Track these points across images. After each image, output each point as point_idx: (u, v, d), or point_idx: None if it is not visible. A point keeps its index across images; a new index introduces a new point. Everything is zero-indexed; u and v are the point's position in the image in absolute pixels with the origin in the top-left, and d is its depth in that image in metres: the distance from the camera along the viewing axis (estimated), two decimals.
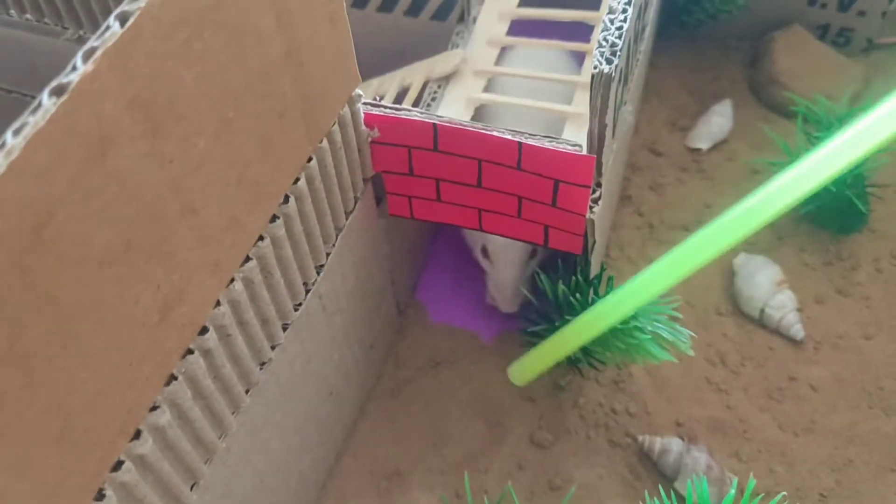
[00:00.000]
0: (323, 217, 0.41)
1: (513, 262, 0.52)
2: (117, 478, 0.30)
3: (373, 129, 0.43)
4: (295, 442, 0.45)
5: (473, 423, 0.52)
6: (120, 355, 0.29)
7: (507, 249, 0.52)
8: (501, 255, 0.52)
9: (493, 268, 0.53)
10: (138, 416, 0.31)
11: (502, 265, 0.53)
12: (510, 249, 0.52)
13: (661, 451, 0.49)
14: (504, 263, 0.53)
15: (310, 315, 0.42)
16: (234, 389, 0.37)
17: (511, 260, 0.52)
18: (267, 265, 0.37)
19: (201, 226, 0.32)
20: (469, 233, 0.56)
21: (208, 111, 0.30)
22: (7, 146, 0.22)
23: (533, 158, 0.42)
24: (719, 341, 0.54)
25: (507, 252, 0.52)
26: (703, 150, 0.64)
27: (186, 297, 0.32)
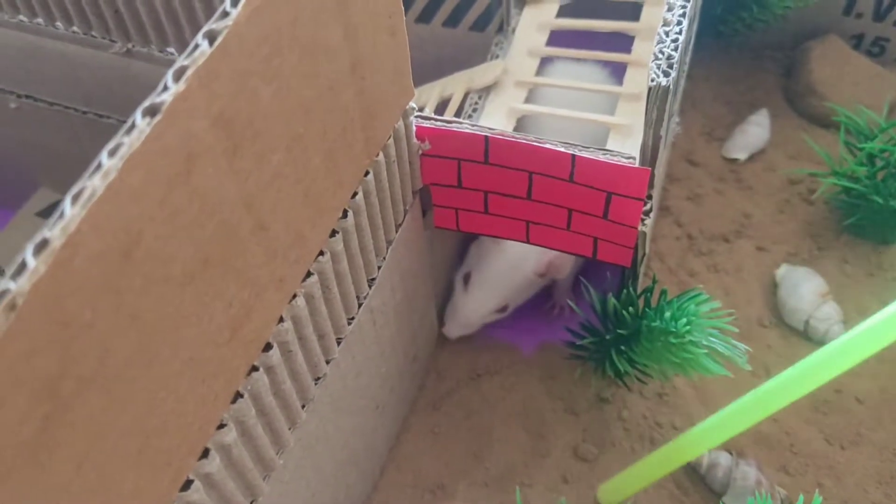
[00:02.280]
0: (376, 230, 0.41)
1: (483, 304, 0.53)
2: (186, 497, 0.30)
3: (424, 141, 0.43)
4: (343, 456, 0.45)
5: (516, 435, 0.52)
6: (194, 374, 0.29)
7: (485, 292, 0.53)
8: (478, 292, 0.53)
9: (463, 295, 0.54)
10: (207, 435, 0.31)
11: (473, 300, 0.53)
12: (488, 293, 0.53)
13: (710, 466, 0.48)
14: (476, 299, 0.53)
15: (362, 329, 0.42)
16: (292, 405, 0.37)
17: (484, 301, 0.53)
18: (326, 280, 0.37)
19: (270, 242, 0.31)
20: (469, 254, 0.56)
21: (283, 127, 0.30)
22: (104, 167, 0.22)
23: (586, 171, 0.42)
24: (764, 353, 0.54)
25: (484, 293, 0.53)
26: (740, 161, 0.63)
27: (254, 314, 0.32)
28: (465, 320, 0.54)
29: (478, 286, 0.53)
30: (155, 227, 0.24)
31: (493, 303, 0.53)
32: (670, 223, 0.60)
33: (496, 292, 0.53)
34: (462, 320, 0.54)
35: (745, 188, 0.62)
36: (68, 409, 0.23)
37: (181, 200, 0.25)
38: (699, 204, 0.61)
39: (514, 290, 0.53)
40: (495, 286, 0.53)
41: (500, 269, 0.52)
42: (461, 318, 0.54)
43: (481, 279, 0.53)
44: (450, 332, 0.55)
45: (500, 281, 0.53)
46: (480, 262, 0.54)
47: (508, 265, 0.52)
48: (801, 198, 0.61)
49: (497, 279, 0.53)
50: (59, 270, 0.21)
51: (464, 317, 0.54)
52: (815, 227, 0.59)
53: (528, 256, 0.52)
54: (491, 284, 0.53)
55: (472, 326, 0.55)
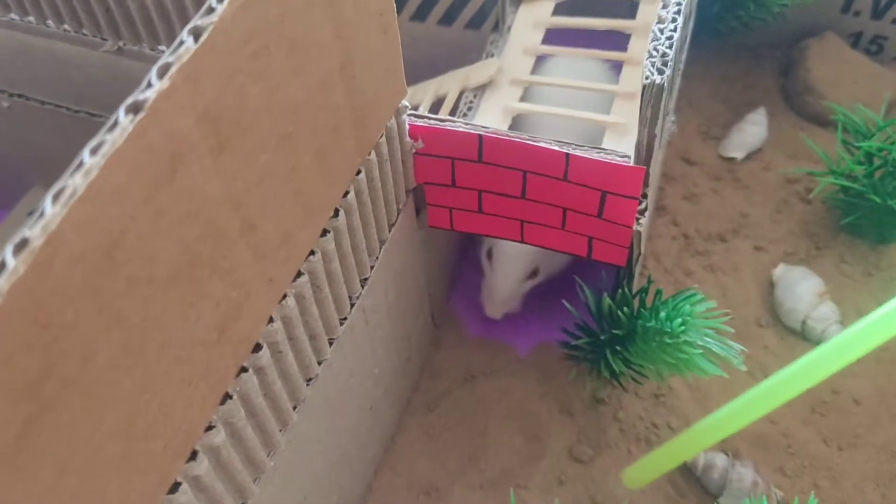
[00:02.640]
0: (369, 230, 0.41)
1: (511, 274, 0.52)
2: (174, 500, 0.30)
3: (417, 140, 0.43)
4: (336, 457, 0.44)
5: (511, 437, 0.52)
6: (180, 375, 0.28)
7: (510, 259, 0.52)
8: (504, 262, 0.52)
9: (491, 272, 0.53)
10: (195, 437, 0.30)
11: (501, 273, 0.52)
12: (514, 260, 0.52)
13: (706, 467, 0.48)
14: (503, 271, 0.52)
15: (353, 329, 0.42)
16: (283, 406, 0.36)
17: (511, 271, 0.52)
18: (317, 280, 0.36)
19: (259, 241, 0.31)
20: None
21: (271, 125, 0.29)
22: (85, 165, 0.22)
23: (580, 170, 0.41)
24: (760, 354, 0.53)
25: (510, 261, 0.52)
26: (737, 160, 0.63)
27: (243, 314, 0.31)
28: (501, 296, 0.53)
29: (502, 258, 0.52)
30: (138, 226, 0.24)
31: (521, 270, 0.52)
32: (667, 222, 0.60)
33: (521, 258, 0.51)
34: (498, 298, 0.53)
35: (742, 187, 0.62)
36: (50, 411, 0.23)
37: (166, 200, 0.25)
38: (696, 203, 0.61)
39: (537, 250, 0.51)
40: (518, 251, 0.52)
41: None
42: (496, 296, 0.53)
43: (502, 249, 0.52)
44: (493, 314, 0.53)
45: (520, 245, 0.51)
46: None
47: None
48: (798, 197, 0.61)
49: (517, 244, 0.51)
50: (39, 270, 0.21)
51: (498, 293, 0.53)
52: (813, 227, 0.59)
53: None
54: (514, 251, 0.52)
55: (511, 301, 0.53)
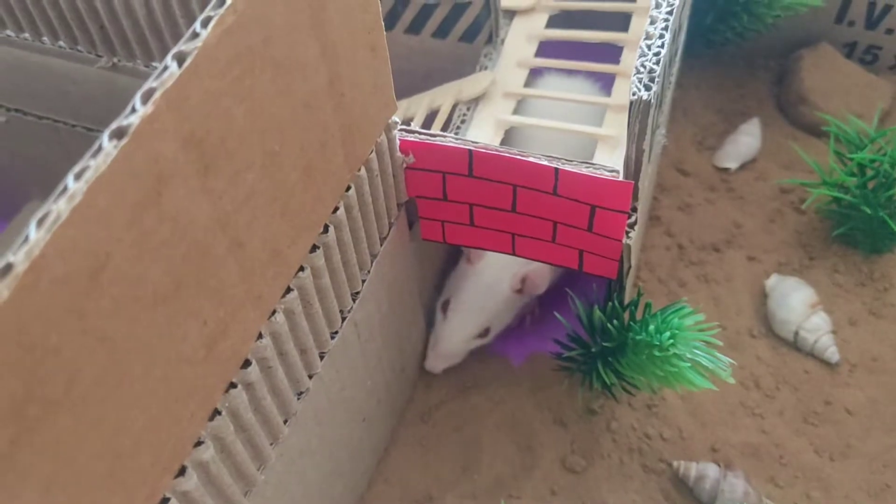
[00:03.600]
0: (359, 244, 0.41)
1: (463, 329, 0.52)
2: None
3: (408, 155, 0.43)
4: (328, 468, 0.45)
5: (504, 447, 0.52)
6: (167, 393, 0.29)
7: (464, 315, 0.52)
8: (457, 317, 0.52)
9: (443, 323, 0.53)
10: (183, 453, 0.31)
11: (453, 326, 0.52)
12: (467, 316, 0.52)
13: (697, 478, 0.48)
14: (456, 326, 0.52)
15: (345, 343, 0.42)
16: (273, 421, 0.37)
17: (463, 326, 0.52)
18: (307, 295, 0.37)
19: (246, 260, 0.31)
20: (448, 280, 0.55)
21: (256, 145, 0.30)
22: (69, 191, 0.22)
23: (569, 184, 0.42)
24: (753, 364, 0.53)
25: (463, 317, 0.52)
26: (731, 170, 0.63)
27: (230, 332, 0.32)
28: (447, 350, 0.53)
29: (456, 311, 0.52)
30: (123, 249, 0.24)
31: (473, 327, 0.52)
32: (660, 233, 0.60)
33: (475, 315, 0.52)
34: (443, 350, 0.53)
35: (735, 198, 0.62)
36: (35, 432, 0.23)
37: (151, 222, 0.25)
38: (690, 213, 0.61)
39: (493, 311, 0.52)
40: (473, 309, 0.52)
41: (477, 291, 0.52)
42: (442, 349, 0.53)
43: (459, 304, 0.52)
44: (433, 367, 0.54)
45: (477, 303, 0.52)
46: (457, 287, 0.53)
47: (485, 285, 0.52)
48: (791, 207, 0.61)
49: (475, 301, 0.52)
50: (23, 295, 0.21)
51: (445, 346, 0.53)
52: (806, 237, 0.59)
53: (503, 274, 0.52)
54: (469, 307, 0.52)
55: (455, 356, 0.54)
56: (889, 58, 0.67)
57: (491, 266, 0.52)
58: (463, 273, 0.53)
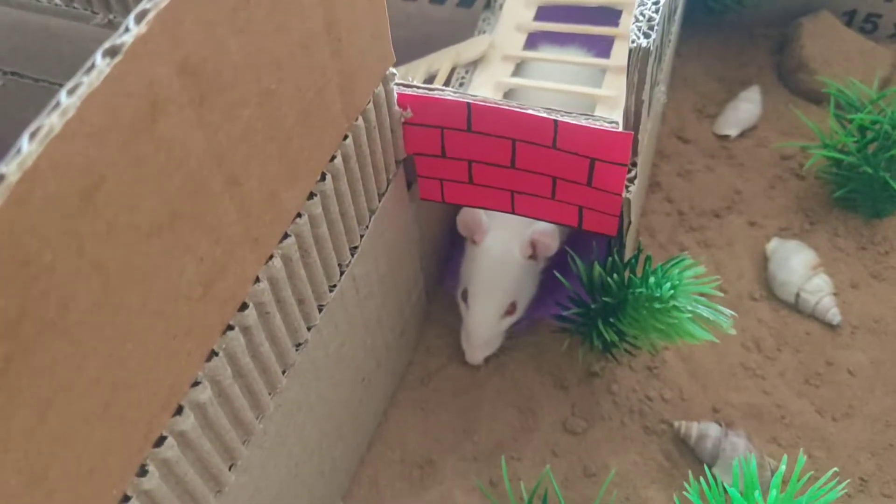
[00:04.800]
0: (357, 197, 0.41)
1: (489, 312, 0.51)
2: (160, 454, 0.30)
3: (406, 109, 0.43)
4: (328, 427, 0.44)
5: (505, 411, 0.52)
6: (164, 328, 0.28)
7: (485, 297, 0.51)
8: (479, 301, 0.51)
9: (468, 313, 0.52)
10: (180, 392, 0.31)
11: (478, 313, 0.51)
12: (489, 297, 0.51)
13: (699, 437, 0.48)
14: (480, 311, 0.51)
15: (344, 297, 0.42)
16: (271, 369, 0.36)
17: (487, 309, 0.51)
18: (304, 243, 0.36)
19: (243, 199, 0.31)
20: (461, 270, 0.54)
21: (252, 81, 0.30)
22: (62, 106, 0.22)
23: (569, 137, 0.41)
24: (754, 327, 0.53)
25: (485, 299, 0.51)
26: (731, 137, 0.63)
27: (228, 272, 0.31)
28: (480, 338, 0.51)
29: (476, 297, 0.51)
30: (118, 171, 0.24)
31: (497, 308, 0.50)
32: (660, 199, 0.60)
33: (495, 295, 0.50)
34: (477, 340, 0.51)
35: (736, 164, 0.62)
36: (29, 352, 0.23)
37: (146, 148, 0.25)
38: (690, 180, 0.61)
39: (511, 285, 0.50)
40: (492, 289, 0.50)
41: (490, 270, 0.50)
42: (475, 339, 0.51)
43: (476, 289, 0.51)
44: (473, 359, 0.52)
45: (494, 282, 0.50)
46: (470, 272, 0.51)
47: (496, 261, 0.50)
48: (792, 173, 0.61)
49: (491, 281, 0.50)
50: (16, 207, 0.21)
51: (476, 335, 0.51)
52: (807, 202, 0.59)
53: (511, 245, 0.50)
54: (487, 289, 0.50)
55: (491, 341, 0.52)
56: (889, 26, 0.67)
57: (497, 240, 0.50)
58: (472, 257, 0.51)
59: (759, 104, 0.64)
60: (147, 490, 0.29)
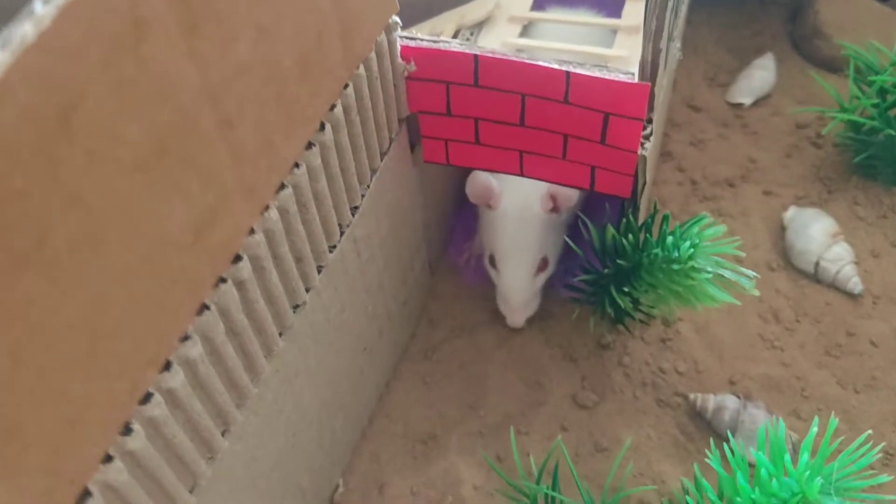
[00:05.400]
0: (358, 153, 0.39)
1: (519, 273, 0.49)
2: (146, 412, 0.28)
3: (409, 62, 0.41)
4: (328, 397, 0.43)
5: (512, 384, 0.50)
6: (151, 274, 0.26)
7: (516, 257, 0.49)
8: (510, 263, 0.49)
9: (500, 277, 0.50)
10: (169, 346, 0.29)
11: (510, 274, 0.49)
12: (520, 257, 0.49)
13: (716, 409, 0.46)
14: (511, 273, 0.49)
15: (344, 259, 0.40)
16: (267, 330, 0.34)
17: (518, 270, 0.49)
18: (302, 196, 0.34)
19: (237, 143, 0.29)
20: (481, 237, 0.52)
21: (247, 14, 0.28)
22: (37, 14, 0.20)
23: (582, 90, 0.39)
24: (772, 297, 0.51)
25: (516, 259, 0.49)
26: (745, 105, 0.61)
27: (220, 220, 0.29)
28: (518, 300, 0.49)
29: (505, 259, 0.49)
30: (98, 93, 0.22)
31: (528, 266, 0.48)
32: (672, 168, 0.58)
33: (525, 253, 0.48)
34: (515, 301, 0.50)
35: (750, 133, 0.60)
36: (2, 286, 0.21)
37: (129, 70, 0.23)
38: (702, 149, 0.59)
39: (539, 240, 0.48)
40: (520, 248, 0.48)
41: (514, 230, 0.48)
42: (514, 301, 0.50)
43: (503, 251, 0.49)
44: (515, 321, 0.50)
45: (521, 241, 0.48)
46: (493, 236, 0.49)
47: (518, 221, 0.48)
48: (809, 141, 0.59)
49: (517, 241, 0.48)
50: None
51: (514, 298, 0.49)
52: (825, 170, 0.57)
53: (530, 202, 0.48)
54: (515, 249, 0.48)
55: (530, 301, 0.50)
56: None
57: (514, 200, 0.48)
58: (491, 222, 0.49)
59: (774, 71, 0.62)
60: (132, 451, 0.27)
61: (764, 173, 0.57)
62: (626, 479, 0.44)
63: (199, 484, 0.32)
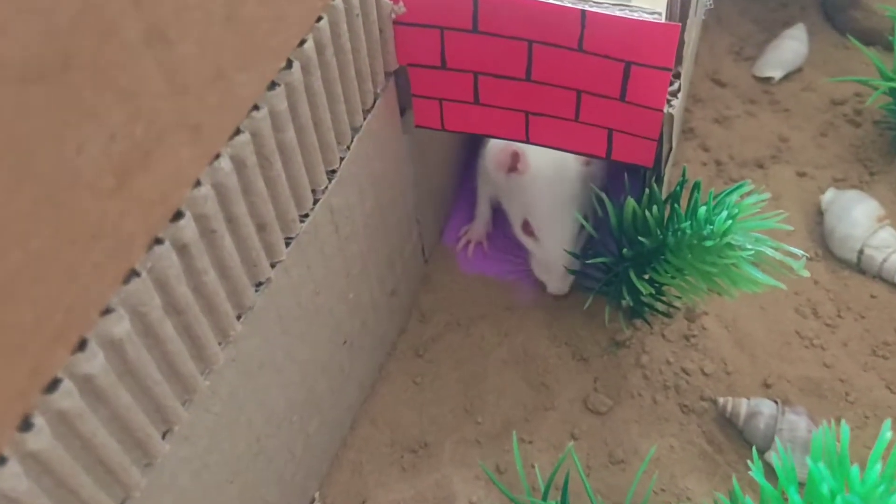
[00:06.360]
0: (335, 104, 0.33)
1: (565, 235, 0.43)
2: (53, 403, 0.22)
3: (397, 2, 0.35)
4: (300, 397, 0.36)
5: (514, 385, 0.44)
6: (56, 225, 0.20)
7: (555, 220, 0.43)
8: (550, 226, 0.43)
9: (538, 245, 0.44)
10: (84, 320, 0.23)
11: (552, 238, 0.43)
12: (559, 220, 0.43)
13: (749, 415, 0.40)
14: (554, 236, 0.43)
15: (318, 232, 0.34)
16: (220, 309, 0.28)
17: (563, 233, 0.43)
18: (264, 147, 0.28)
19: (175, 65, 0.23)
20: (508, 202, 0.46)
21: None
22: None
23: (599, 33, 0.33)
24: (809, 289, 0.45)
25: (556, 223, 0.43)
26: (774, 80, 0.55)
27: (154, 163, 0.23)
28: (562, 263, 0.44)
29: (546, 225, 0.44)
30: None
31: (573, 226, 0.43)
32: (695, 147, 0.52)
33: (567, 215, 0.43)
34: (559, 267, 0.44)
35: (780, 110, 0.54)
36: None
37: None
38: (728, 127, 0.53)
39: (579, 198, 0.43)
40: (561, 211, 0.43)
41: (550, 192, 0.42)
42: (557, 266, 0.44)
43: (542, 216, 0.43)
44: (559, 289, 0.45)
45: (560, 203, 0.43)
46: (526, 202, 0.44)
47: (554, 180, 0.43)
48: (845, 119, 0.53)
49: (556, 203, 0.43)
50: None
51: (557, 263, 0.44)
52: (865, 151, 0.51)
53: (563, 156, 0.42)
54: (556, 212, 0.43)
55: (575, 263, 0.44)
56: None
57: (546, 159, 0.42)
58: (522, 186, 0.44)
59: (805, 42, 0.56)
60: (34, 451, 0.21)
61: (797, 153, 0.51)
62: (647, 495, 0.38)
63: (132, 496, 0.26)
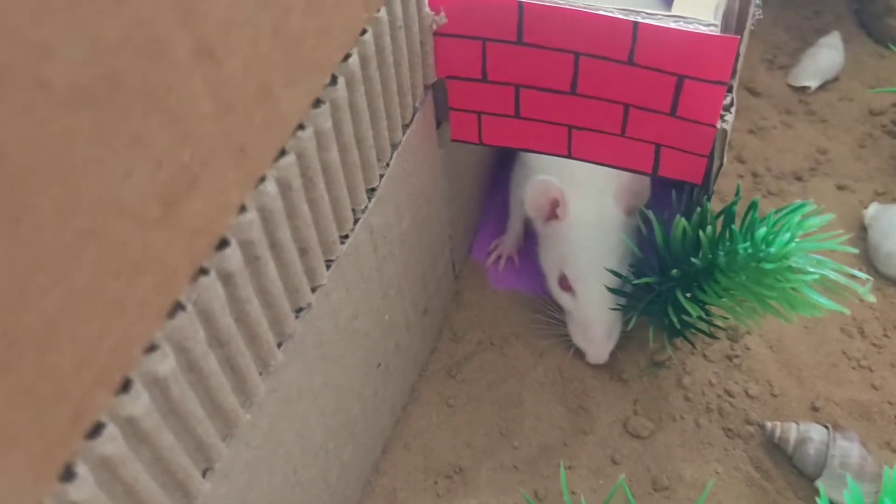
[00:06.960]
0: (378, 120, 0.31)
1: (602, 293, 0.40)
2: (95, 449, 0.20)
3: (439, 13, 0.33)
4: (336, 424, 0.35)
5: (551, 408, 0.42)
6: (100, 257, 0.19)
7: (596, 276, 0.40)
8: (591, 283, 0.40)
9: (576, 303, 0.41)
10: (127, 359, 0.21)
11: (593, 297, 0.40)
12: (599, 274, 0.39)
13: (799, 441, 0.38)
14: (595, 295, 0.40)
15: (358, 253, 0.32)
16: (262, 338, 0.27)
17: (601, 288, 0.40)
18: (308, 168, 0.27)
19: (222, 82, 0.22)
20: (544, 253, 0.43)
21: None
22: None
23: (652, 46, 0.32)
24: (855, 308, 0.44)
25: (596, 279, 0.40)
26: (810, 89, 0.54)
27: (200, 189, 0.22)
28: (604, 327, 0.41)
29: (586, 280, 0.40)
30: None
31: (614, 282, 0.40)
32: (730, 158, 0.51)
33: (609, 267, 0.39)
34: (600, 331, 0.41)
35: (817, 120, 0.53)
36: None
37: None
38: (764, 138, 0.52)
39: (620, 249, 0.40)
40: (601, 261, 0.39)
41: (593, 240, 0.39)
42: (598, 329, 0.40)
43: (582, 270, 0.40)
44: (600, 357, 0.41)
45: (600, 251, 0.40)
46: (564, 253, 0.41)
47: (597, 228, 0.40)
48: (884, 130, 0.52)
49: (596, 251, 0.40)
50: None
51: (599, 324, 0.40)
52: None
53: (605, 203, 0.40)
54: (596, 262, 0.39)
55: (615, 328, 0.41)
56: None
57: (587, 205, 0.40)
58: (560, 235, 0.41)
59: (842, 51, 0.55)
60: (75, 502, 0.20)
61: (836, 166, 0.50)
62: None
63: None
